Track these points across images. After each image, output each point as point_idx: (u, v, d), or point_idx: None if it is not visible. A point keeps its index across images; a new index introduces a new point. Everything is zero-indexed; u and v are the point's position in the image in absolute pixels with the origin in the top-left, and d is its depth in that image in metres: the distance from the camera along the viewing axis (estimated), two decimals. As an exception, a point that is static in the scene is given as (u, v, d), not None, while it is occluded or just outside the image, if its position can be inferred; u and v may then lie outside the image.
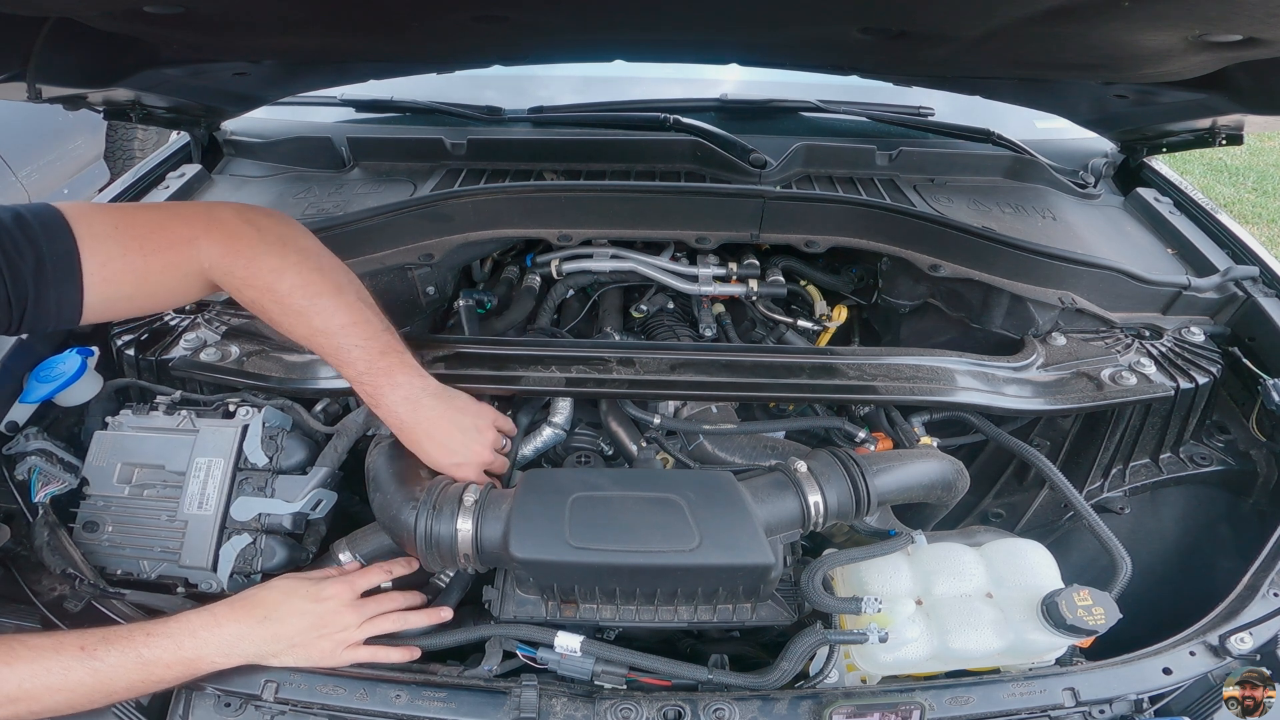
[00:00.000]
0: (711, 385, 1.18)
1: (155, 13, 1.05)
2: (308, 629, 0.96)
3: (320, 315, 1.03)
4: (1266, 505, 1.31)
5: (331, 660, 0.97)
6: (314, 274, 1.03)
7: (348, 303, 1.05)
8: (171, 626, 0.92)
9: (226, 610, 0.95)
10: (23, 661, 0.84)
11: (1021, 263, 1.36)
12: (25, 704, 0.84)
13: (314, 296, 1.02)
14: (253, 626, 0.94)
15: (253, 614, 0.95)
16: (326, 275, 1.05)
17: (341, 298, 1.04)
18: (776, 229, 1.47)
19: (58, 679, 0.85)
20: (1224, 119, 1.45)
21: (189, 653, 0.91)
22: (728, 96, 1.90)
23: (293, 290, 1.01)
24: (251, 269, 1.00)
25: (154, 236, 0.95)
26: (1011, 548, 1.08)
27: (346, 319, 1.04)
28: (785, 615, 1.03)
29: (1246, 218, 4.73)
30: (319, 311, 1.02)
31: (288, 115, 1.87)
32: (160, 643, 0.90)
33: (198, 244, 0.98)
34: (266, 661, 0.94)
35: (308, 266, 1.03)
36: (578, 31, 1.35)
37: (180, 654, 0.90)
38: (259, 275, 1.00)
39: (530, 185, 1.48)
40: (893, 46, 1.26)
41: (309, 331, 1.04)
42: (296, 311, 1.02)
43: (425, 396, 1.07)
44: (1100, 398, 1.22)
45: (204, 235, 0.98)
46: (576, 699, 0.93)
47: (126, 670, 0.87)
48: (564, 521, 0.95)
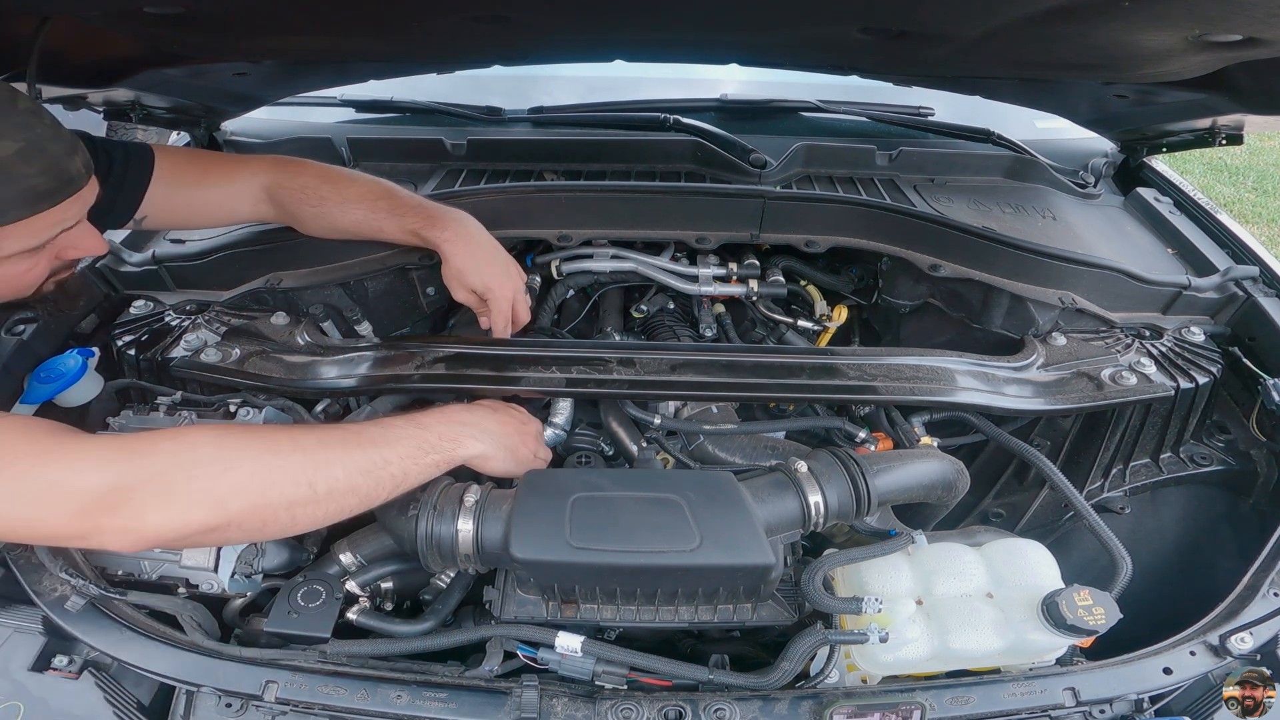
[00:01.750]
0: (712, 385, 1.18)
1: (155, 13, 1.05)
2: (514, 432, 1.10)
3: (366, 178, 1.31)
4: (1266, 505, 1.31)
5: (530, 463, 1.10)
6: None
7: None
8: (427, 417, 1.04)
9: (454, 409, 1.10)
10: (338, 456, 0.91)
11: (1021, 263, 1.36)
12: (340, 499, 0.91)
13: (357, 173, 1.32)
14: (486, 415, 1.08)
15: (477, 410, 1.10)
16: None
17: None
18: (776, 229, 1.47)
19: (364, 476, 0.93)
20: (1224, 119, 1.45)
21: (450, 437, 1.01)
22: (728, 96, 1.90)
23: (340, 171, 1.31)
24: (300, 165, 1.30)
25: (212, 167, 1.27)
26: (1011, 548, 1.08)
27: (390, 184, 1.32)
28: (786, 615, 1.03)
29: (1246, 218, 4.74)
30: (364, 177, 1.31)
31: (288, 115, 1.87)
32: (434, 428, 1.00)
33: (249, 165, 1.28)
34: (487, 461, 1.04)
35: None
36: (578, 31, 1.35)
37: (447, 435, 1.01)
38: (307, 168, 1.29)
39: (530, 186, 1.48)
40: (893, 46, 1.26)
41: (360, 190, 1.28)
42: (349, 177, 1.30)
43: (474, 226, 1.31)
44: (1100, 398, 1.22)
45: (255, 161, 1.29)
46: (577, 699, 0.93)
47: (410, 457, 0.96)
48: (564, 522, 0.95)
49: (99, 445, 0.84)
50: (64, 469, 0.80)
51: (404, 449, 0.96)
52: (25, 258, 0.94)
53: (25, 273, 0.96)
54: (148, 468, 0.83)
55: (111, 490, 0.81)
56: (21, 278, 0.97)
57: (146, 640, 0.96)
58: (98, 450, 0.82)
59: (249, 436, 0.90)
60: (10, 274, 0.95)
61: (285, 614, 1.00)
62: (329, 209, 1.28)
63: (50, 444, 0.81)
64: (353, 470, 0.91)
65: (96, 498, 0.80)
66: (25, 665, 0.94)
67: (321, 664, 0.96)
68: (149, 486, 0.82)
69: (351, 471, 0.91)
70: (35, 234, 0.91)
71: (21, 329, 1.23)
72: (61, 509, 0.80)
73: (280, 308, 1.35)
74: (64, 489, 0.80)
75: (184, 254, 1.38)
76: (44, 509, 0.80)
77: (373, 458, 0.93)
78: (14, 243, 0.90)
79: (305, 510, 0.89)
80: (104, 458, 0.82)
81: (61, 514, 0.80)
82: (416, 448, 0.97)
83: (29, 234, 0.91)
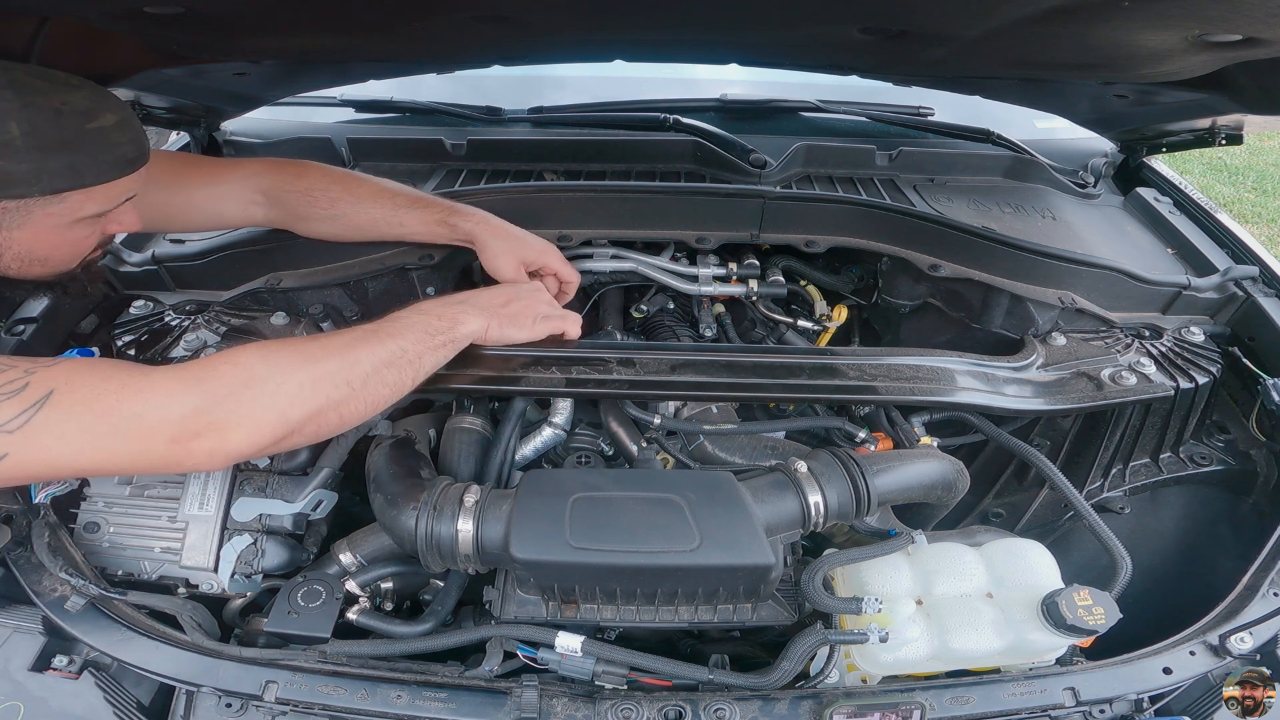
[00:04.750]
0: (712, 385, 1.18)
1: (155, 13, 1.05)
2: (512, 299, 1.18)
3: (373, 178, 1.32)
4: (1266, 505, 1.31)
5: (532, 331, 1.17)
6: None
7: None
8: (426, 304, 1.11)
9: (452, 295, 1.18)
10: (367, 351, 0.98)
11: (1021, 263, 1.36)
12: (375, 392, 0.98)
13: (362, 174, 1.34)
14: (480, 292, 1.17)
15: (474, 291, 1.19)
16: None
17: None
18: (776, 229, 1.47)
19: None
20: (1224, 119, 1.45)
21: (449, 317, 1.08)
22: (728, 96, 1.90)
23: (346, 171, 1.33)
24: (303, 167, 1.30)
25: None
26: (1011, 548, 1.08)
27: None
28: (785, 615, 1.03)
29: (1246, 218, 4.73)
30: (370, 176, 1.33)
31: (288, 115, 1.87)
32: (434, 311, 1.08)
33: (240, 168, 1.28)
34: (487, 332, 1.12)
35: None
36: (578, 31, 1.35)
37: (446, 316, 1.08)
38: (310, 169, 1.30)
39: (530, 186, 1.48)
40: (893, 46, 1.26)
41: (373, 188, 1.29)
42: (357, 177, 1.30)
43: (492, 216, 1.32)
44: (1100, 398, 1.22)
45: (247, 164, 1.29)
46: (577, 699, 0.93)
47: (421, 342, 1.03)
48: (564, 522, 0.95)
49: (167, 375, 0.89)
50: (145, 402, 0.85)
51: (414, 336, 1.03)
52: (90, 223, 1.01)
53: (83, 239, 1.03)
54: (216, 391, 0.88)
55: (192, 416, 0.86)
56: (78, 244, 1.03)
57: (146, 640, 0.96)
58: (167, 381, 0.88)
59: (288, 349, 0.95)
60: (75, 238, 1.01)
61: (285, 614, 1.00)
62: (343, 209, 1.28)
63: (124, 379, 0.86)
64: (379, 364, 0.98)
65: (183, 425, 0.85)
66: (25, 665, 0.94)
67: (321, 664, 0.96)
68: (222, 408, 0.87)
69: (379, 365, 0.98)
70: (111, 198, 0.99)
71: (21, 329, 1.23)
72: (156, 439, 0.85)
73: (280, 308, 1.35)
74: (150, 421, 0.85)
75: (184, 254, 1.38)
76: (140, 442, 0.85)
77: (391, 349, 1.00)
78: (94, 204, 0.98)
79: (349, 408, 0.96)
80: (175, 387, 0.87)
81: (158, 443, 0.85)
82: (424, 332, 1.04)
83: (106, 198, 0.98)
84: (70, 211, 0.96)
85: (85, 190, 0.94)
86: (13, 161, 0.87)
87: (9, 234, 0.94)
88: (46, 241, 0.98)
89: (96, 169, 0.94)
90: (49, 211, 0.94)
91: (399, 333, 1.03)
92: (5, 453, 0.80)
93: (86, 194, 0.95)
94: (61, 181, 0.91)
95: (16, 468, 0.81)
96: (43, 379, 0.83)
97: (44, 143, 0.88)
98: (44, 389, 0.82)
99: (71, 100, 0.91)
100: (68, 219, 0.96)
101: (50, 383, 0.82)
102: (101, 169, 0.94)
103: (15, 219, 0.93)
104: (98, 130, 0.93)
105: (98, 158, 0.94)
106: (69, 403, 0.82)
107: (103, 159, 0.94)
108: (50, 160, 0.89)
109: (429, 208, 1.30)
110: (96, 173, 0.94)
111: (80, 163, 0.92)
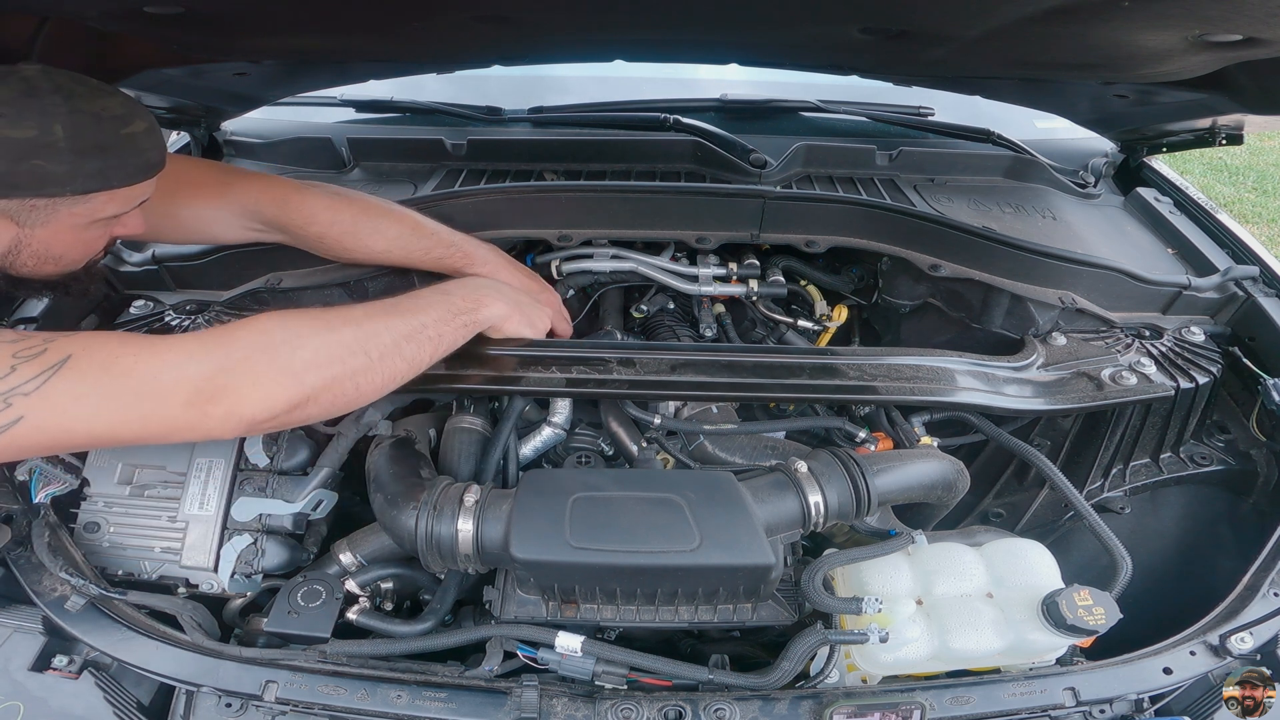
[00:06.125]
0: (712, 385, 1.18)
1: (155, 13, 1.05)
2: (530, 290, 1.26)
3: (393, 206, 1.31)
4: (1266, 505, 1.31)
5: (541, 326, 1.23)
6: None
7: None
8: (450, 285, 1.15)
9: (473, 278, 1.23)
10: (393, 321, 1.01)
11: (1021, 262, 1.36)
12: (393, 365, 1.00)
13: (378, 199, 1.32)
14: (501, 267, 1.26)
15: (492, 264, 1.28)
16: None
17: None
18: (776, 229, 1.47)
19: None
20: (1224, 119, 1.45)
21: (473, 299, 1.11)
22: (728, 96, 1.90)
23: (355, 196, 1.30)
24: (305, 191, 1.26)
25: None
26: (1011, 548, 1.08)
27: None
28: (786, 615, 1.03)
29: (1246, 218, 4.73)
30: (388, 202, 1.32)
31: (288, 115, 1.87)
32: (457, 292, 1.11)
33: (232, 187, 1.23)
34: (506, 321, 1.16)
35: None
36: (578, 31, 1.35)
37: (469, 298, 1.11)
38: (310, 198, 1.26)
39: (530, 185, 1.48)
40: (892, 46, 1.26)
41: (388, 213, 1.28)
42: (365, 214, 1.27)
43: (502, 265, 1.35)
44: (1100, 398, 1.22)
45: (239, 180, 1.25)
46: (577, 699, 0.93)
47: (442, 320, 1.06)
48: (564, 522, 0.95)
49: (184, 340, 0.91)
50: (162, 364, 0.87)
51: (436, 313, 1.05)
52: (104, 225, 1.02)
53: (96, 240, 1.04)
54: (233, 354, 0.90)
55: (210, 378, 0.88)
56: (91, 245, 1.04)
57: (146, 640, 0.97)
58: (184, 345, 0.90)
59: (307, 317, 0.97)
60: (90, 238, 1.02)
61: (285, 614, 1.00)
62: (349, 244, 1.28)
63: (142, 343, 0.88)
64: (398, 337, 0.99)
65: (200, 386, 0.87)
66: (25, 665, 0.94)
67: (321, 664, 0.96)
68: (238, 370, 0.89)
69: (398, 338, 0.99)
70: (129, 201, 1.01)
71: (21, 329, 1.23)
72: (172, 400, 0.86)
73: (280, 308, 1.34)
74: (166, 381, 0.86)
75: (184, 254, 1.38)
76: (156, 403, 0.86)
77: (411, 323, 1.02)
78: (114, 206, 0.99)
79: (366, 379, 0.97)
80: (193, 351, 0.89)
81: (174, 405, 0.86)
82: (446, 310, 1.06)
83: (126, 200, 1.00)
84: (92, 212, 0.97)
85: (110, 192, 0.96)
86: (53, 162, 0.89)
87: (31, 231, 0.95)
88: (64, 240, 0.99)
89: (124, 172, 0.96)
90: (73, 211, 0.95)
91: (421, 309, 1.04)
92: (21, 415, 0.81)
93: (110, 196, 0.97)
94: (92, 183, 0.93)
95: (34, 432, 0.82)
96: (61, 345, 0.85)
97: (83, 145, 0.90)
98: (62, 353, 0.84)
99: (109, 106, 0.93)
100: (88, 219, 0.98)
101: (69, 348, 0.84)
102: (128, 172, 0.97)
103: (41, 216, 0.94)
104: (130, 136, 0.95)
105: (126, 162, 0.96)
106: (86, 365, 0.84)
107: (130, 163, 0.96)
108: (86, 163, 0.91)
109: (436, 248, 1.30)
110: (123, 176, 0.96)
111: (111, 166, 0.94)
